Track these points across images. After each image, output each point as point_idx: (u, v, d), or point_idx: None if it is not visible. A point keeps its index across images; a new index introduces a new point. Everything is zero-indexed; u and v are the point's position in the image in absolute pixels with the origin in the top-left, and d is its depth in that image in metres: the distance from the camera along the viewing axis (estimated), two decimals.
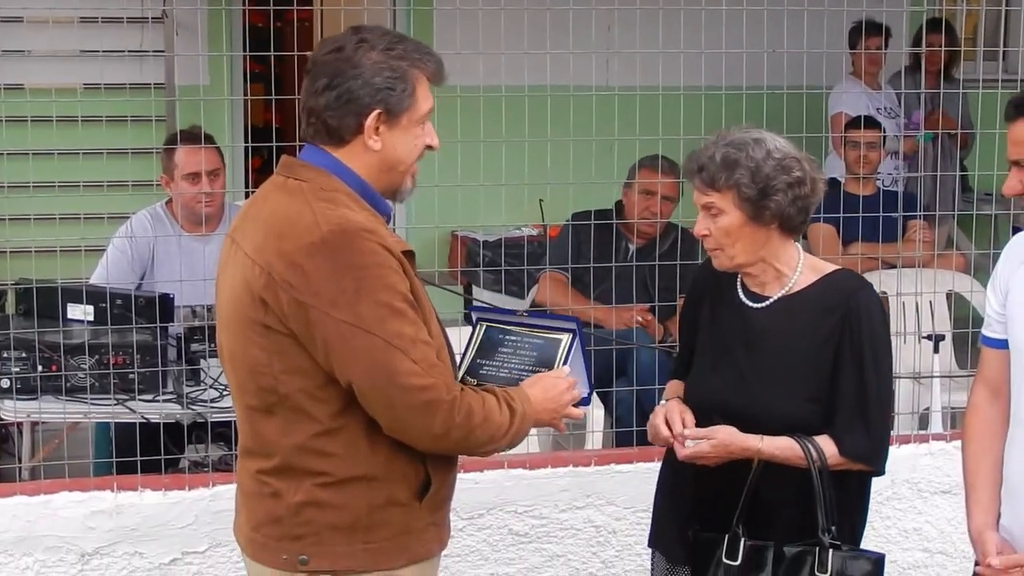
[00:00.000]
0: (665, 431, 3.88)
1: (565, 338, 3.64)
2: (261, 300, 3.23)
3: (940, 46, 8.75)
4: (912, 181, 8.54)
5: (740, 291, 3.97)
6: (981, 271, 7.09)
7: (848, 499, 3.90)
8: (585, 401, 3.70)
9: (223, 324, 3.42)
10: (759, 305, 3.93)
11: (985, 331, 3.81)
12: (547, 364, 3.57)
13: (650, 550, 4.22)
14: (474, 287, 8.59)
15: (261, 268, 3.24)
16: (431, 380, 3.20)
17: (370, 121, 3.30)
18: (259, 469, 3.39)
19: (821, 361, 3.83)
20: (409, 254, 3.33)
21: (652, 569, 4.20)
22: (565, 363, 3.59)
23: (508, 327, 3.69)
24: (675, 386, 4.12)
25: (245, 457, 3.46)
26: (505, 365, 3.62)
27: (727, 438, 3.80)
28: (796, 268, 3.91)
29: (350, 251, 3.19)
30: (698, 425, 3.87)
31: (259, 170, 9.68)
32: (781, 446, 3.79)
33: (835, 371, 3.82)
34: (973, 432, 3.81)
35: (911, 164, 9.02)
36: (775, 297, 3.91)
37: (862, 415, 3.82)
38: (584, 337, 3.73)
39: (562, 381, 3.52)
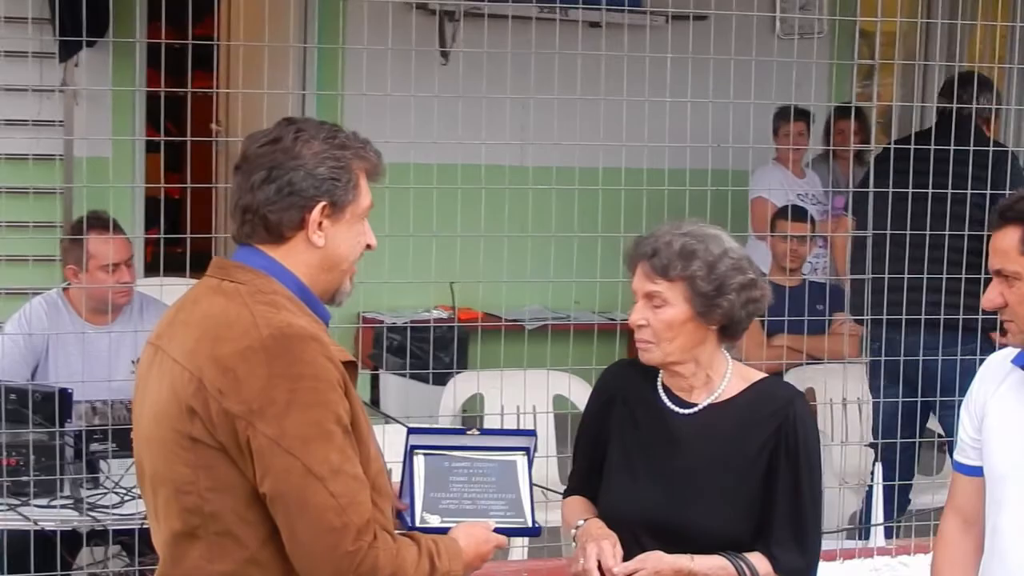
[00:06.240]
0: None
1: (520, 460, 3.55)
2: (189, 409, 3.00)
3: (850, 132, 8.72)
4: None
5: (663, 395, 3.79)
6: None
7: None
8: (535, 531, 3.55)
9: (143, 441, 3.17)
10: (686, 411, 3.76)
11: (958, 456, 3.73)
12: (510, 489, 3.48)
13: None
14: (380, 370, 8.41)
15: (191, 374, 3.01)
16: (342, 521, 2.96)
17: (315, 215, 3.11)
18: None
19: (753, 472, 3.69)
20: (350, 364, 3.11)
21: None
22: (529, 486, 3.50)
23: (450, 452, 3.54)
24: (583, 505, 3.88)
25: None
26: (466, 495, 3.48)
27: (657, 564, 3.61)
28: (725, 375, 3.76)
29: (289, 359, 2.98)
30: (623, 541, 3.66)
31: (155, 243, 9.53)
32: (713, 565, 3.65)
33: (768, 483, 3.68)
34: (944, 564, 3.71)
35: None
36: (703, 404, 3.75)
37: (796, 531, 3.69)
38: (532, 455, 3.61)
39: (493, 536, 3.38)
